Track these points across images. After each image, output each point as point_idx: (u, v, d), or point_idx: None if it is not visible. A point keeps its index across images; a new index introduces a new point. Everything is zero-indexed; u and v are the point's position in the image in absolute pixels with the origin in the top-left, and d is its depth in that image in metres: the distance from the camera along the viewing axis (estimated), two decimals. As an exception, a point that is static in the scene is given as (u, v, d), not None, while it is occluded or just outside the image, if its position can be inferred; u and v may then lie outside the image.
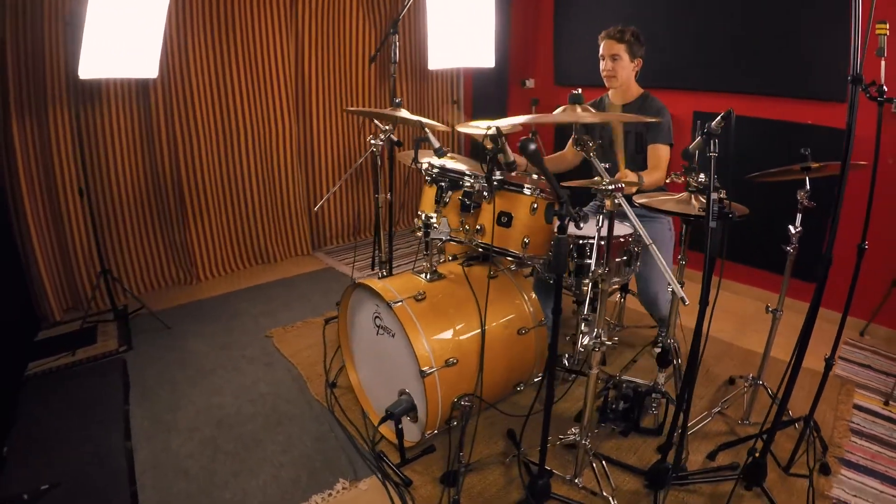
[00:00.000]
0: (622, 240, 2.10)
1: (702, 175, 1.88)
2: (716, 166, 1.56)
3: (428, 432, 1.90)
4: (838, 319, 1.80)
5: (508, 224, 1.96)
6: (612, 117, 2.43)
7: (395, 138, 2.89)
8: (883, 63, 1.75)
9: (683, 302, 1.39)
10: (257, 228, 3.77)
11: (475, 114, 4.59)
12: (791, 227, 1.86)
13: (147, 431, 2.17)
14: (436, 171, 2.18)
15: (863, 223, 1.84)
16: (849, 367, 2.62)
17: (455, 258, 2.38)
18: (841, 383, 2.42)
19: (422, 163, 2.27)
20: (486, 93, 4.43)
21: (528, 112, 4.14)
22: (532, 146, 1.31)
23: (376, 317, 2.05)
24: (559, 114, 1.75)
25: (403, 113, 2.49)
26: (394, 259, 2.96)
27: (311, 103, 3.85)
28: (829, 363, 1.72)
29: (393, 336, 1.97)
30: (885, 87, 1.63)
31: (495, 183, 1.98)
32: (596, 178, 1.64)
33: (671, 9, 3.45)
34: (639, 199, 1.95)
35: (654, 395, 2.14)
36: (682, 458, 1.89)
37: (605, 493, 1.82)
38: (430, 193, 2.23)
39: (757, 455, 1.78)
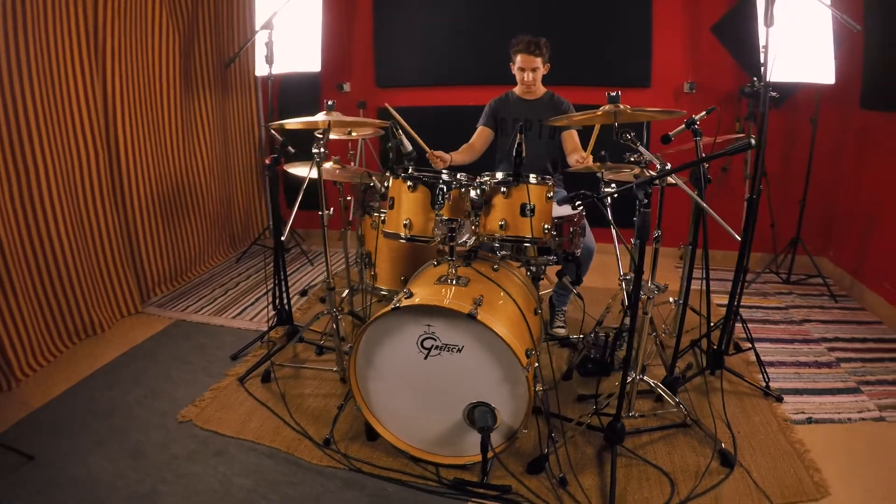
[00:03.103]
0: (576, 219, 2.42)
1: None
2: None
3: (521, 431, 1.88)
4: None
5: (533, 214, 2.04)
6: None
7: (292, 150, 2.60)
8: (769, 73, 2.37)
9: (736, 238, 1.78)
10: (74, 293, 2.69)
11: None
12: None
13: None
14: (426, 173, 2.08)
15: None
16: (695, 282, 3.51)
17: (439, 259, 2.29)
18: (700, 294, 3.31)
19: (404, 167, 2.12)
20: (294, 100, 4.13)
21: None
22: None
23: (426, 338, 1.86)
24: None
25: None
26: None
27: (118, 124, 2.94)
28: (745, 269, 2.41)
29: (460, 351, 1.84)
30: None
31: (510, 177, 2.03)
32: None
33: (495, 6, 3.88)
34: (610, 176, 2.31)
35: (623, 335, 2.56)
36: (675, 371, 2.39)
37: (666, 410, 2.19)
38: (413, 198, 2.10)
39: (715, 347, 2.41)
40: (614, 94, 1.92)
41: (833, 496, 1.78)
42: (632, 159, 2.33)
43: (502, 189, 2.05)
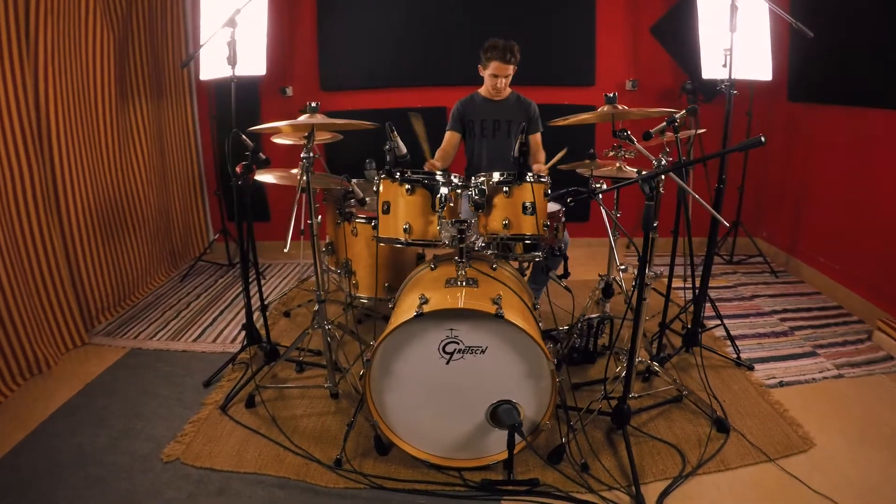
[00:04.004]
0: (559, 214, 2.49)
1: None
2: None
3: (545, 425, 1.92)
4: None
5: (533, 212, 2.07)
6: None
7: (263, 156, 2.47)
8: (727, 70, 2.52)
9: (725, 225, 1.93)
10: (14, 326, 2.33)
11: (220, 131, 3.96)
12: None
13: None
14: (426, 176, 2.05)
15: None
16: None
17: (436, 263, 2.26)
18: (655, 276, 3.52)
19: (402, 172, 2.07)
20: (230, 106, 3.89)
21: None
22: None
23: (449, 343, 1.82)
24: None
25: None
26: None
27: (52, 133, 2.60)
28: (714, 253, 2.62)
29: (484, 352, 1.83)
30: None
31: (512, 177, 2.06)
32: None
33: (441, 7, 3.88)
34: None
35: (604, 322, 2.68)
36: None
37: (656, 389, 2.34)
38: (411, 201, 2.07)
39: (689, 326, 2.60)
40: (611, 95, 2.00)
41: (818, 445, 2.01)
42: (610, 155, 2.47)
43: (504, 189, 2.07)
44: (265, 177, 2.59)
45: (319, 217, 2.38)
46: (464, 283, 1.99)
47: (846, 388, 2.36)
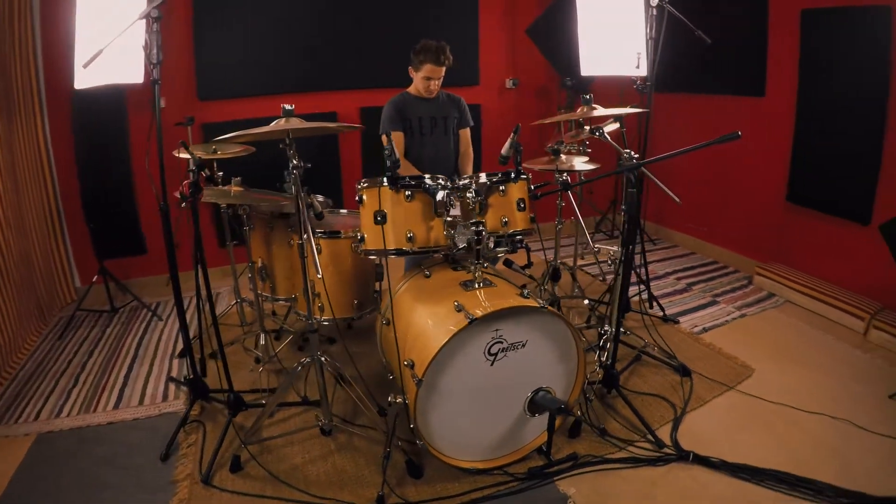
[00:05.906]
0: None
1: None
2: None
3: (576, 402, 2.08)
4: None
5: (525, 208, 2.19)
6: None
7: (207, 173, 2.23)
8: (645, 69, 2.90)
9: (677, 202, 2.29)
10: None
11: (81, 152, 3.28)
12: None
13: None
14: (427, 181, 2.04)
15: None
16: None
17: (429, 269, 2.24)
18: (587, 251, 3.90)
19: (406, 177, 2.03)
20: (92, 121, 3.27)
21: (182, 133, 3.37)
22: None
23: (494, 343, 1.86)
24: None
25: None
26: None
27: None
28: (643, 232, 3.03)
29: (524, 346, 1.91)
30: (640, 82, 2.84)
31: (506, 176, 2.15)
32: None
33: (323, 11, 3.73)
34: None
35: (555, 304, 2.92)
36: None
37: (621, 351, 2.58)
38: (411, 208, 2.05)
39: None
40: (588, 96, 2.21)
41: (757, 369, 2.53)
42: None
43: (501, 188, 2.14)
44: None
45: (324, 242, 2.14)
46: (482, 284, 2.03)
47: (751, 323, 2.99)
